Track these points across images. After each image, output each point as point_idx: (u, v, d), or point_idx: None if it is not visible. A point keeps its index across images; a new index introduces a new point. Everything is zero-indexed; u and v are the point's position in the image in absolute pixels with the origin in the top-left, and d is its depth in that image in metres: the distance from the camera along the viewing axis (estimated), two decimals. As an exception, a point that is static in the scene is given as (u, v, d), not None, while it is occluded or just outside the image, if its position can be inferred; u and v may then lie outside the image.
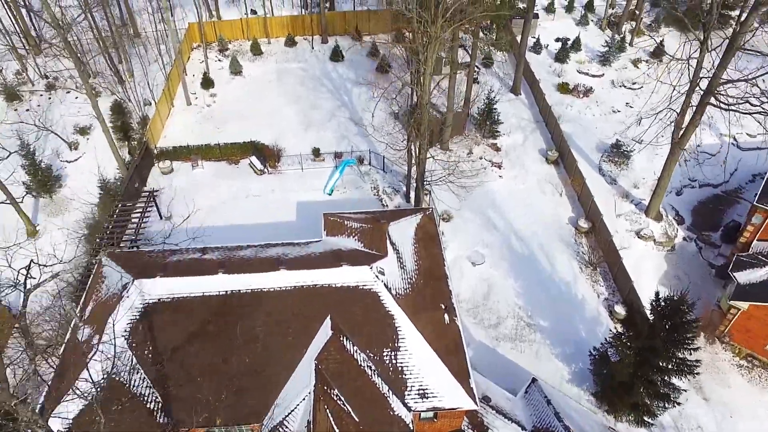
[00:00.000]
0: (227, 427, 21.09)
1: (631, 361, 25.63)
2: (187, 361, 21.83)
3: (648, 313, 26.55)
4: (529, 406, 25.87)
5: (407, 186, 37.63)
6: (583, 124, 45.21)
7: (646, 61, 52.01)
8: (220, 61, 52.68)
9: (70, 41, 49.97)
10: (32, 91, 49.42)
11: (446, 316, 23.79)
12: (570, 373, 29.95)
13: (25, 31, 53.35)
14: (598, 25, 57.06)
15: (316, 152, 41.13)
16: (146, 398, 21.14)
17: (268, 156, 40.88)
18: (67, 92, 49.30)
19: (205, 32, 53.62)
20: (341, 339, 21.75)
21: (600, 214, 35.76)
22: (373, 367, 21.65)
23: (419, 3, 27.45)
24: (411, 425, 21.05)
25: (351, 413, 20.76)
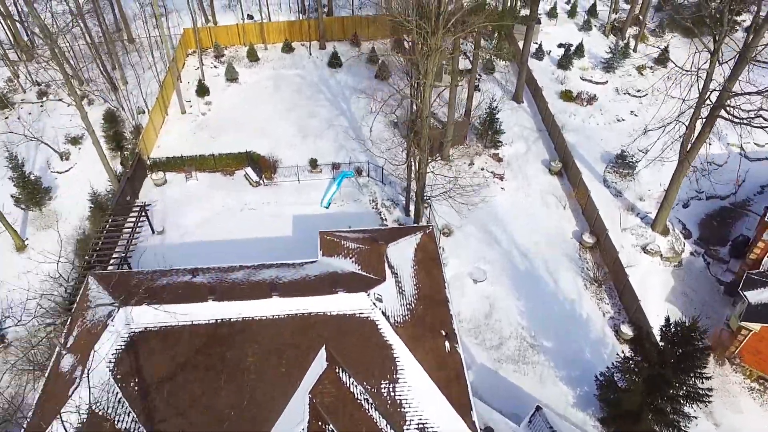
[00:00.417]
0: (217, 463, 20.08)
1: (640, 389, 24.58)
2: (174, 394, 20.77)
3: (657, 338, 25.53)
4: (533, 436, 24.84)
5: (407, 199, 36.57)
6: (587, 134, 44.16)
7: (651, 68, 51.00)
8: (215, 67, 51.61)
9: (63, 47, 49.22)
10: (23, 100, 48.32)
11: (447, 344, 22.73)
12: (575, 397, 28.88)
13: (17, 37, 52.26)
14: (601, 31, 56.00)
15: (313, 163, 40.06)
16: (132, 433, 20.11)
17: (263, 167, 39.80)
18: (59, 99, 48.24)
19: (201, 38, 52.58)
20: (337, 371, 20.69)
21: (605, 228, 34.71)
22: (371, 401, 20.59)
23: (419, 14, 26.36)
24: (410, 462, 20.05)
25: (347, 450, 19.75)
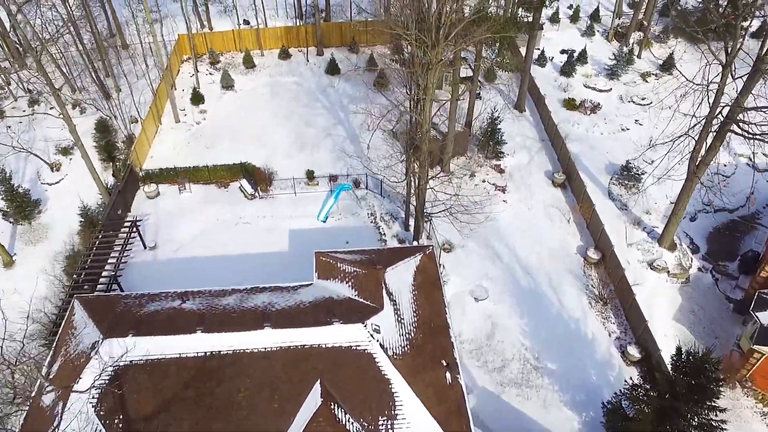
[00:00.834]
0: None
1: (650, 419, 23.53)
2: (161, 431, 19.72)
3: (666, 363, 24.54)
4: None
5: (406, 213, 35.50)
6: (591, 143, 43.07)
7: (656, 75, 49.91)
8: (211, 74, 50.52)
9: (55, 54, 48.13)
10: (14, 108, 47.25)
11: (448, 375, 21.68)
12: (580, 423, 27.82)
13: (7, 42, 51.11)
14: (604, 36, 54.90)
15: (310, 175, 38.97)
16: (115, 474, 19.08)
17: (259, 179, 38.73)
18: (51, 107, 47.08)
19: (196, 44, 51.42)
20: (332, 407, 19.64)
21: (611, 244, 33.63)
22: (368, 438, 19.57)
23: (418, 26, 25.26)
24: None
25: (343, 491, 18.73)
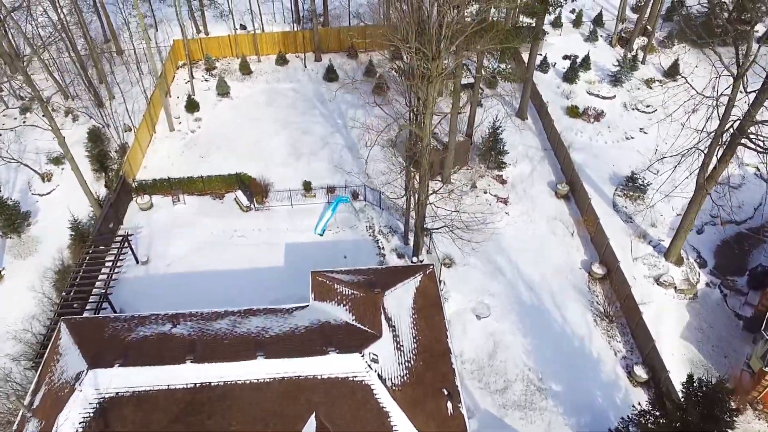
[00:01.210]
0: None
1: (659, 449, 22.61)
2: (148, 467, 18.78)
3: (677, 391, 23.61)
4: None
5: (405, 227, 34.52)
6: (595, 153, 42.09)
7: (660, 81, 48.92)
8: (206, 81, 49.49)
9: (48, 61, 47.13)
10: (5, 115, 46.26)
11: (449, 405, 20.72)
12: (586, 448, 26.93)
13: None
14: (607, 41, 53.90)
15: (307, 186, 37.99)
16: None
17: (255, 191, 37.77)
18: (43, 115, 46.01)
19: (191, 50, 50.45)
20: (328, 442, 18.70)
21: (616, 259, 32.66)
22: (365, 475, 18.62)
23: (418, 39, 24.27)
24: None
25: None
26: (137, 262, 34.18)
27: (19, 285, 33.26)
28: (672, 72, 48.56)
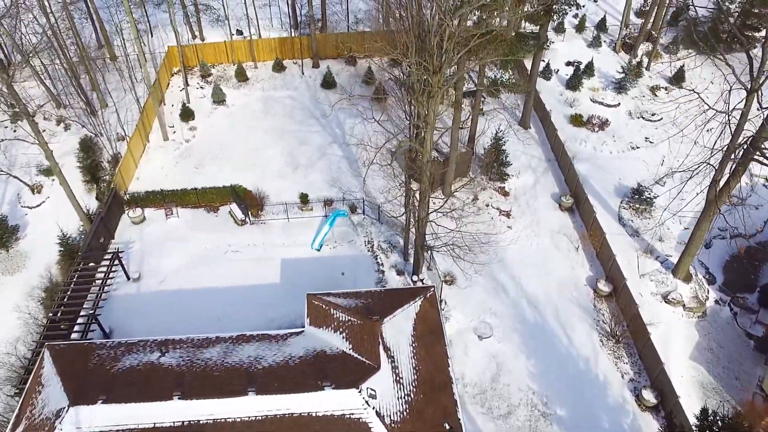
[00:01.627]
0: None
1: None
2: None
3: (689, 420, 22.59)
4: None
5: (405, 242, 33.44)
6: (599, 163, 41.00)
7: (666, 89, 47.88)
8: (201, 88, 48.38)
9: (39, 68, 46.00)
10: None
11: (451, 441, 19.68)
12: (593, 477, 25.90)
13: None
14: (611, 47, 52.78)
15: (304, 199, 36.92)
16: None
17: (250, 203, 36.67)
18: (36, 123, 44.90)
19: (186, 56, 49.36)
20: (322, 485, 17.66)
21: (623, 277, 31.59)
22: None
23: (419, 52, 23.18)
24: None
25: None
26: (128, 279, 33.12)
27: (6, 303, 32.22)
28: (678, 79, 47.58)
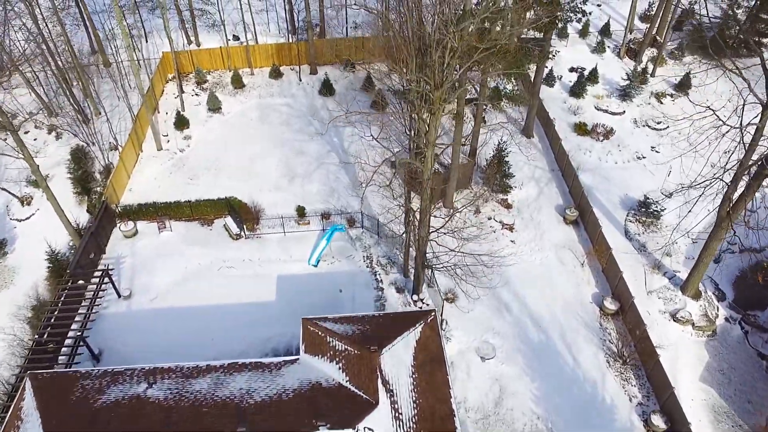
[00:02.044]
0: None
1: None
2: None
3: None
4: None
5: (405, 259, 32.37)
6: (604, 174, 39.90)
7: (671, 96, 46.81)
8: (197, 95, 47.29)
9: (29, 75, 44.93)
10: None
11: (454, 481, 18.63)
12: (601, 508, 24.85)
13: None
14: (615, 53, 51.67)
15: (301, 212, 35.85)
16: None
17: (245, 217, 35.62)
18: (26, 132, 43.96)
19: (181, 62, 48.29)
20: None
21: (630, 295, 30.52)
22: None
23: (419, 67, 22.11)
24: None
25: None
26: (119, 297, 32.07)
27: (-7, 321, 31.19)
28: (683, 86, 46.50)
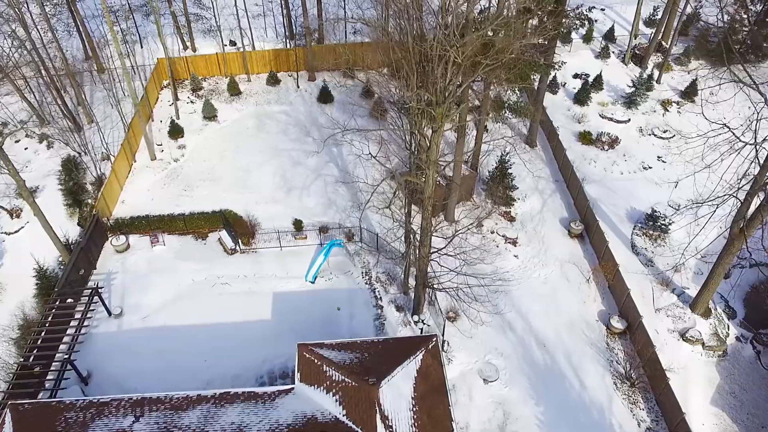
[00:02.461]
0: None
1: None
2: None
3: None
4: None
5: (405, 276, 31.34)
6: (610, 185, 38.83)
7: (677, 103, 45.76)
8: (192, 102, 46.19)
9: (18, 82, 43.79)
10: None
11: None
12: None
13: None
14: (620, 59, 50.58)
15: (298, 225, 34.81)
16: None
17: (241, 231, 34.57)
18: (16, 141, 42.90)
19: (176, 69, 47.20)
20: None
21: (638, 314, 29.45)
22: None
23: (421, 82, 21.06)
24: None
25: None
26: (109, 315, 31.00)
27: (-20, 340, 30.14)
28: (690, 93, 45.46)
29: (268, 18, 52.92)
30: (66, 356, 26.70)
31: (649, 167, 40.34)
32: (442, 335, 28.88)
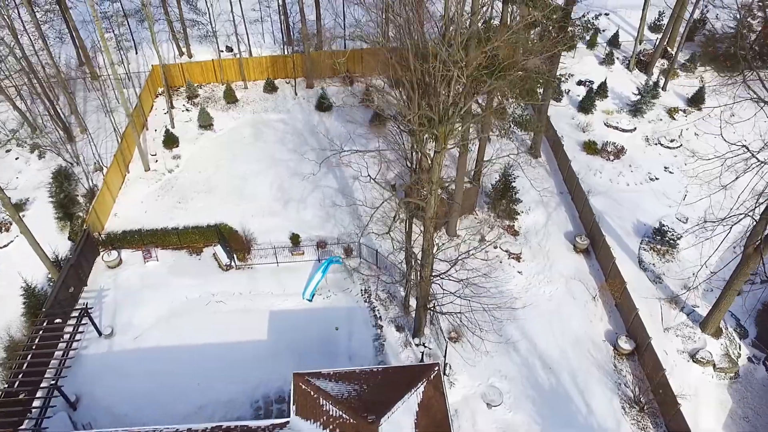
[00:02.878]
0: None
1: None
2: None
3: None
4: None
5: (406, 295, 30.31)
6: (616, 197, 37.79)
7: (684, 111, 44.72)
8: (187, 110, 45.10)
9: (8, 90, 42.73)
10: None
11: None
12: None
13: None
14: (624, 65, 49.55)
15: (295, 240, 33.79)
16: None
17: (236, 246, 33.54)
18: (7, 151, 41.84)
19: (171, 75, 46.14)
20: None
21: (647, 335, 28.41)
22: None
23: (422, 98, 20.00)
24: None
25: None
26: (100, 335, 29.98)
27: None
28: (697, 100, 44.44)
29: (265, 24, 51.79)
30: (53, 382, 25.64)
31: (656, 178, 39.27)
32: (444, 356, 27.84)
